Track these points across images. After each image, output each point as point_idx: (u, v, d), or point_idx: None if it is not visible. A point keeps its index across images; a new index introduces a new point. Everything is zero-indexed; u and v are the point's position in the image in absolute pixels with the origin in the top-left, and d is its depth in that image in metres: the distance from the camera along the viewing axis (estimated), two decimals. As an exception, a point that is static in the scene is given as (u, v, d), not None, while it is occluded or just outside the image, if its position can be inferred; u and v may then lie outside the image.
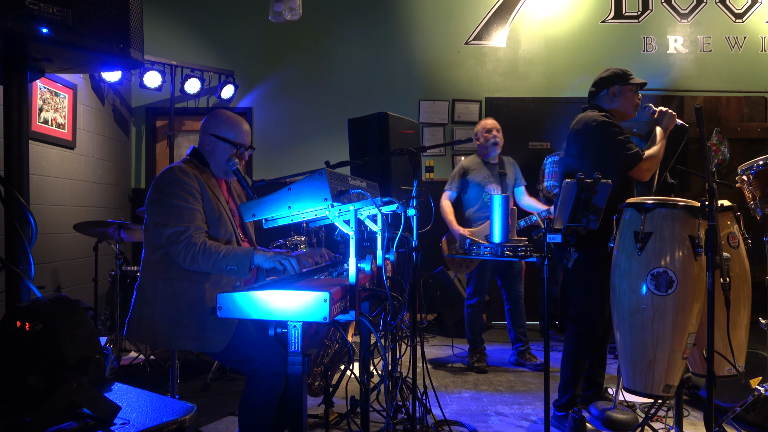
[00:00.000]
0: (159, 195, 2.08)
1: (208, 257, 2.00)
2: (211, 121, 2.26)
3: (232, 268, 2.00)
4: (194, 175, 2.13)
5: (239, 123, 2.27)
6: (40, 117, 4.05)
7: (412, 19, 5.70)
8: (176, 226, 2.02)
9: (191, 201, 2.08)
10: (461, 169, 4.04)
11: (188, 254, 2.00)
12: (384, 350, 2.03)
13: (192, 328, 2.04)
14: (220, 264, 2.00)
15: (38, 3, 1.26)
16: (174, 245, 2.01)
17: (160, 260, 2.10)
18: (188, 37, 5.59)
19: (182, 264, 2.03)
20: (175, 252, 2.02)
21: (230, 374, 3.62)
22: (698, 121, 2.08)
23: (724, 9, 5.77)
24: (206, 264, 2.00)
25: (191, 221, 2.05)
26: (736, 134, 5.44)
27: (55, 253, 4.22)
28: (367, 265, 1.89)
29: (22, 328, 1.08)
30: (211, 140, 2.23)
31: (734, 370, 2.33)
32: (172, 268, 2.08)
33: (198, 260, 2.00)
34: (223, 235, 2.16)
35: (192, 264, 2.01)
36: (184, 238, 2.01)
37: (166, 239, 2.03)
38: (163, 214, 2.05)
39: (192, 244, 2.01)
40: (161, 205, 2.06)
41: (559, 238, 2.16)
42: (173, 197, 2.05)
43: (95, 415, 1.07)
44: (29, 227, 1.39)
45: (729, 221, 2.43)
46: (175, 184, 2.07)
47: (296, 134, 5.65)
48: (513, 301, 4.07)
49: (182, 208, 2.05)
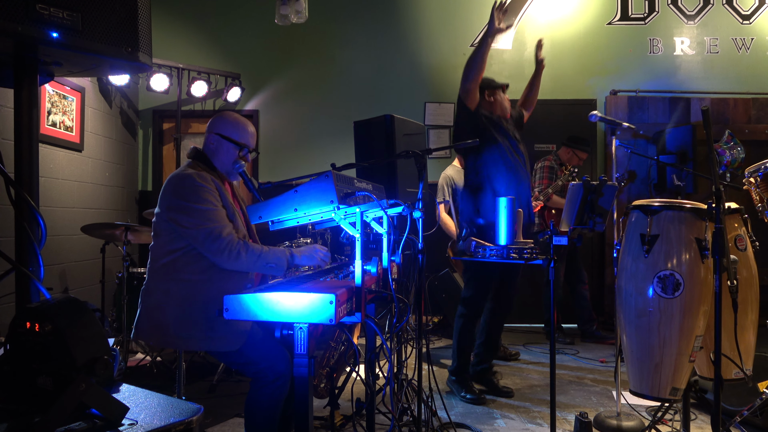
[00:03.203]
0: (182, 202, 2.08)
1: (251, 254, 2.03)
2: (218, 120, 2.28)
3: (272, 265, 2.05)
4: (210, 179, 2.16)
5: (245, 124, 2.29)
6: (48, 120, 4.09)
7: (417, 22, 5.71)
8: (213, 225, 2.04)
9: (217, 204, 2.11)
10: (448, 179, 4.20)
11: (233, 251, 2.02)
12: (390, 352, 2.03)
13: (206, 328, 2.05)
14: (262, 261, 2.04)
15: (48, 7, 1.27)
16: (215, 243, 2.02)
17: (174, 262, 2.10)
18: (195, 40, 5.62)
19: (224, 262, 2.04)
20: (215, 249, 2.02)
21: (236, 376, 3.63)
22: (705, 123, 2.07)
23: (731, 10, 5.74)
24: (249, 261, 2.04)
25: (223, 221, 2.09)
26: (744, 136, 5.40)
27: (63, 255, 4.25)
28: (373, 267, 1.90)
29: (32, 328, 1.09)
30: (215, 139, 2.24)
31: (742, 374, 2.32)
32: (186, 269, 2.09)
33: (242, 257, 2.03)
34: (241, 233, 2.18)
35: (237, 260, 2.03)
36: (226, 234, 2.03)
37: (204, 239, 2.03)
38: (194, 219, 2.05)
39: (236, 242, 2.04)
40: (189, 211, 2.06)
41: (565, 241, 2.16)
42: (200, 202, 2.07)
43: (103, 416, 1.08)
44: (39, 229, 1.41)
45: (736, 224, 2.42)
46: (199, 189, 2.08)
47: (302, 136, 5.67)
48: None
49: (213, 211, 2.07)
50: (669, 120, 5.49)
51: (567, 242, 2.17)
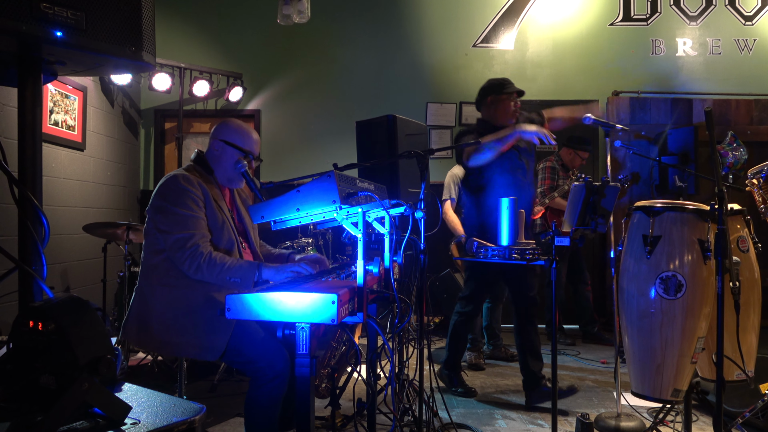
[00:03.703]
0: (163, 203, 2.10)
1: (212, 267, 2.02)
2: (222, 127, 2.29)
3: (235, 280, 2.02)
4: (198, 183, 2.15)
5: (249, 132, 2.30)
6: (50, 119, 4.09)
7: (419, 22, 5.70)
8: (182, 233, 2.04)
9: (195, 209, 2.10)
10: (454, 177, 4.22)
11: (194, 262, 2.02)
12: (391, 352, 2.03)
13: (189, 336, 2.06)
14: (224, 275, 2.02)
15: (52, 6, 1.27)
16: (179, 252, 2.03)
17: (159, 266, 2.12)
18: (197, 40, 5.63)
19: (186, 272, 2.05)
20: (180, 259, 2.04)
21: (237, 375, 3.63)
22: (708, 125, 2.07)
23: (733, 11, 5.73)
24: (210, 274, 2.03)
25: (196, 228, 2.07)
26: (746, 137, 5.39)
27: (65, 254, 4.26)
28: (375, 268, 1.89)
29: (35, 327, 1.09)
30: (219, 145, 2.25)
31: (744, 375, 2.31)
32: (169, 274, 2.10)
33: (203, 270, 2.02)
34: (224, 244, 2.17)
35: (197, 273, 2.03)
36: (190, 245, 2.03)
37: (171, 245, 2.05)
38: (168, 222, 2.07)
39: (198, 253, 2.03)
40: (165, 213, 2.08)
41: (567, 241, 2.16)
42: (177, 205, 2.07)
43: (106, 415, 1.08)
44: (42, 228, 1.41)
45: (739, 225, 2.42)
46: (180, 192, 2.09)
47: (304, 136, 5.67)
48: (496, 300, 4.30)
49: (187, 217, 2.07)
50: (671, 121, 5.48)
51: (569, 243, 2.17)
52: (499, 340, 4.34)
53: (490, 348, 4.31)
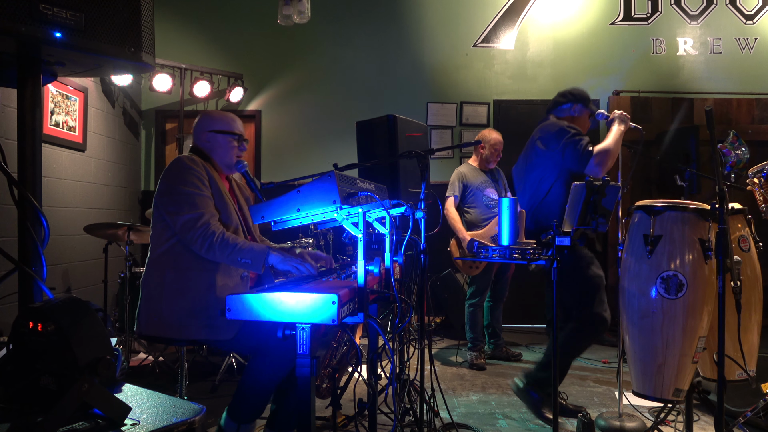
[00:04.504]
0: (170, 184, 2.10)
1: (225, 247, 2.01)
2: (205, 120, 2.31)
3: (246, 261, 2.02)
4: (202, 164, 2.18)
5: (230, 115, 2.34)
6: (51, 120, 4.10)
7: (419, 22, 5.70)
8: (191, 213, 2.04)
9: (202, 188, 2.11)
10: (460, 175, 4.20)
11: (206, 241, 2.01)
12: (392, 352, 2.03)
13: (202, 317, 2.05)
14: (235, 256, 2.01)
15: (52, 8, 1.27)
16: (190, 231, 2.03)
17: (170, 250, 2.12)
18: (197, 41, 5.63)
19: (198, 251, 2.04)
20: (191, 238, 2.03)
21: (238, 376, 3.63)
22: (708, 124, 2.06)
23: (734, 10, 5.73)
24: (222, 254, 2.02)
25: (205, 208, 2.08)
26: (747, 136, 5.38)
27: (66, 255, 4.26)
28: (376, 268, 1.89)
29: (35, 328, 1.09)
30: (209, 137, 2.27)
31: (745, 375, 2.31)
32: (181, 258, 2.10)
33: (215, 249, 2.02)
34: (231, 224, 2.18)
35: (209, 252, 2.03)
36: (201, 224, 2.03)
37: (181, 226, 2.04)
38: (176, 203, 2.07)
39: (210, 232, 2.02)
40: (172, 194, 2.08)
41: (568, 241, 2.16)
42: (185, 185, 2.08)
43: (106, 416, 1.08)
44: (42, 229, 1.41)
45: (740, 224, 2.41)
46: (186, 171, 2.10)
47: (304, 137, 5.67)
48: (497, 299, 4.31)
49: (195, 195, 2.07)
50: (672, 120, 5.47)
51: (570, 243, 2.16)
52: (500, 339, 4.33)
53: (492, 348, 4.31)
